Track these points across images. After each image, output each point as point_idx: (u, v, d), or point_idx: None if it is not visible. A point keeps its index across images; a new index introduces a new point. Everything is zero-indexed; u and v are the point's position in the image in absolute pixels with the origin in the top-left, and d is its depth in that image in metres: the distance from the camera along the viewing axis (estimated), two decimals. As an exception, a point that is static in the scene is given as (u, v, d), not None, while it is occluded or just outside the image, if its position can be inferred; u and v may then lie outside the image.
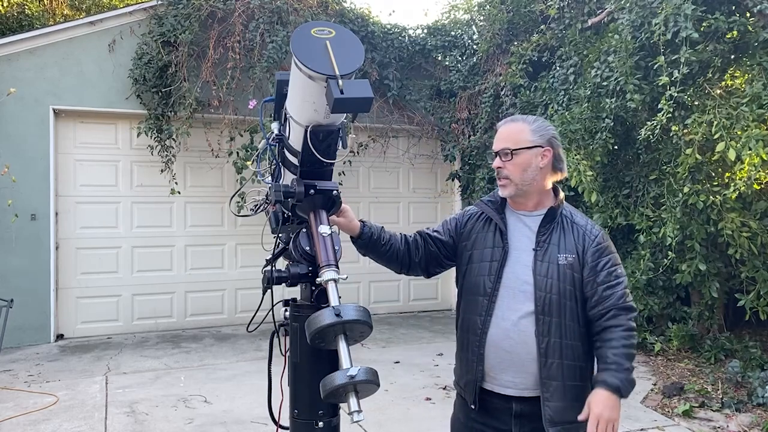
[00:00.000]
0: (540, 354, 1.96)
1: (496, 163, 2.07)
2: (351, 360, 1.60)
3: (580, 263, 2.00)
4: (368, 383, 1.58)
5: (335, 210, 1.96)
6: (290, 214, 1.98)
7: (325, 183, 1.88)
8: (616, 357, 1.91)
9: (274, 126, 2.05)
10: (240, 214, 1.96)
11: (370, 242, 2.17)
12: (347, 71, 1.62)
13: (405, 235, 2.27)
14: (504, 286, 2.03)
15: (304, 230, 1.91)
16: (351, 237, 2.18)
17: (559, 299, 1.97)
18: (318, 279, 1.74)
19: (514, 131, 2.06)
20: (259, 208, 2.06)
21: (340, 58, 1.64)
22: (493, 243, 2.09)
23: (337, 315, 1.58)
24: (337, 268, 1.73)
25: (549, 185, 2.10)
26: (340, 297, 1.69)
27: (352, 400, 1.56)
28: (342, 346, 1.62)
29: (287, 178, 2.02)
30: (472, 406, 2.09)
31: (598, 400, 1.89)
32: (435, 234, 2.25)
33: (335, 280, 1.70)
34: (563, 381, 1.95)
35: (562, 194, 2.11)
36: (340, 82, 1.58)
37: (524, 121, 2.08)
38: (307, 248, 1.88)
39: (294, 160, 1.93)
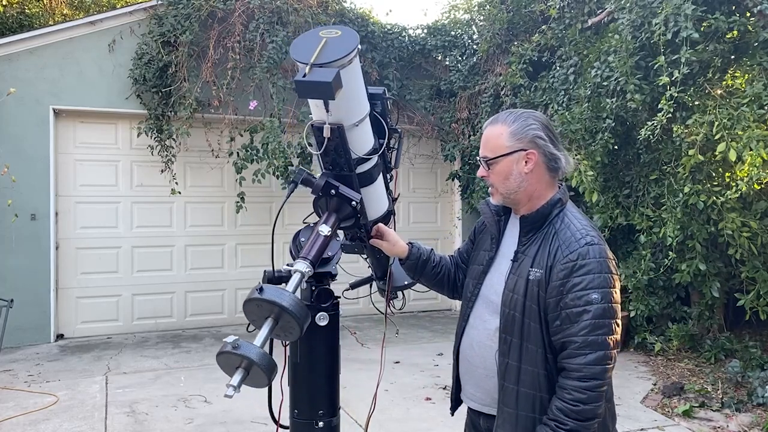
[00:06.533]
0: (499, 375, 1.79)
1: (480, 172, 1.89)
2: (263, 343, 1.57)
3: (546, 280, 1.72)
4: (257, 367, 1.51)
5: (350, 221, 1.90)
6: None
7: (348, 190, 1.85)
8: (558, 412, 1.65)
9: None
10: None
11: (418, 264, 2.10)
12: (323, 61, 1.64)
13: (452, 256, 2.20)
14: (482, 293, 1.90)
15: (311, 225, 1.91)
16: (399, 259, 2.12)
17: (523, 319, 1.73)
18: (286, 266, 1.75)
19: (492, 136, 1.84)
20: None
21: (325, 51, 1.67)
22: (486, 246, 1.97)
23: (259, 291, 1.57)
24: (312, 266, 1.72)
25: (547, 188, 1.84)
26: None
27: (236, 376, 1.53)
28: (264, 329, 1.59)
29: None
30: (450, 412, 2.07)
31: None
32: (467, 246, 2.14)
33: (302, 273, 1.69)
34: (516, 410, 1.74)
35: (553, 198, 1.82)
36: (308, 68, 1.61)
37: (504, 123, 1.83)
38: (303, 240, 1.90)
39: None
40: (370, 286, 2.42)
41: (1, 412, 4.57)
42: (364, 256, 2.27)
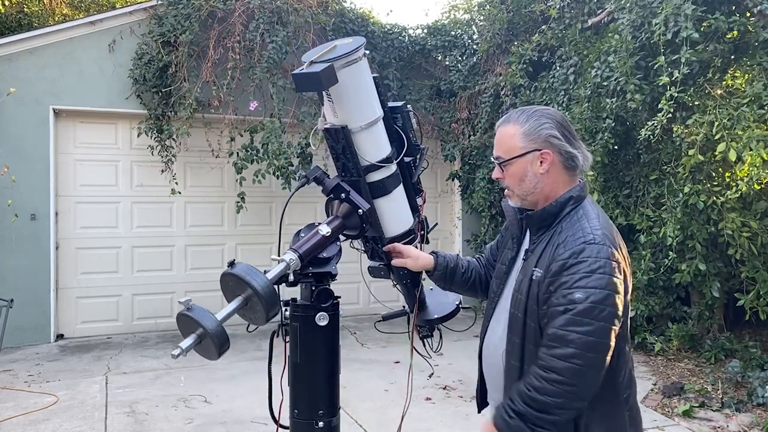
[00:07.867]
0: (504, 376, 1.78)
1: (495, 173, 1.83)
2: (225, 317, 1.62)
3: (543, 280, 1.68)
4: (209, 337, 1.53)
5: (355, 230, 1.89)
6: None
7: (358, 198, 1.86)
8: (515, 393, 1.65)
9: None
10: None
11: (447, 273, 2.07)
12: (322, 59, 1.69)
13: (479, 258, 2.17)
14: (503, 293, 1.88)
15: (316, 223, 1.91)
16: (426, 271, 2.09)
17: (524, 318, 1.71)
18: (273, 256, 1.78)
19: (505, 136, 1.78)
20: None
21: (329, 53, 1.72)
22: (509, 245, 1.93)
23: (230, 265, 1.64)
24: (300, 260, 1.77)
25: (564, 187, 1.77)
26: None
27: (188, 339, 1.57)
28: (230, 305, 1.65)
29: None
30: (477, 409, 2.06)
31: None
32: (498, 241, 2.11)
33: (287, 263, 1.73)
34: None
35: (563, 197, 1.76)
36: (306, 64, 1.69)
37: (516, 122, 1.77)
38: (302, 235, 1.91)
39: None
40: (407, 321, 2.32)
41: (1, 412, 4.57)
42: (394, 283, 2.24)
